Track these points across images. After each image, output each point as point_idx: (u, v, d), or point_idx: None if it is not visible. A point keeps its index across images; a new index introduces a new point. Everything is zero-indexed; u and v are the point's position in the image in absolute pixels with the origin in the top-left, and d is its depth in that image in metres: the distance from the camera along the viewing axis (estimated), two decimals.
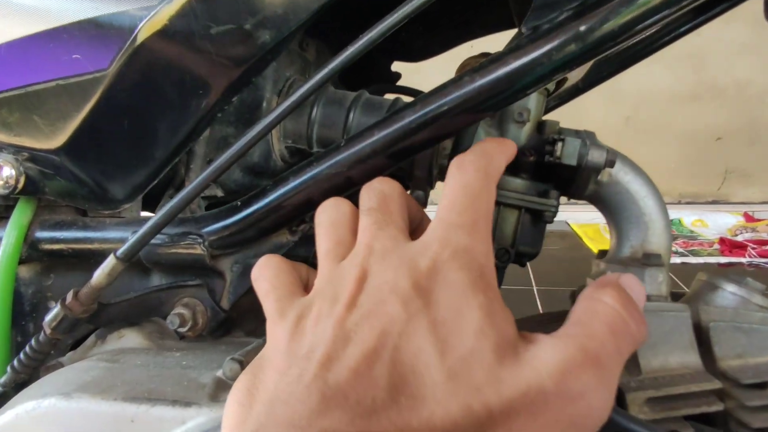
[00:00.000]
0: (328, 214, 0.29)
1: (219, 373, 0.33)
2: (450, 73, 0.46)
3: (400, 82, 0.61)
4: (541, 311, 1.73)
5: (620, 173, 0.40)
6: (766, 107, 2.47)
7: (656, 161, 2.69)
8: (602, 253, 0.44)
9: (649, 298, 0.37)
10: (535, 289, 1.94)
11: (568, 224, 2.59)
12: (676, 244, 2.27)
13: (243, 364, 0.32)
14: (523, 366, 0.21)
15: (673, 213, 2.61)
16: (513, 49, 0.33)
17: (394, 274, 0.23)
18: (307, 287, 0.28)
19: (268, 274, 0.28)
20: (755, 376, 0.33)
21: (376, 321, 0.22)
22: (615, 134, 2.67)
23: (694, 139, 2.60)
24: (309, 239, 0.53)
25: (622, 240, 0.41)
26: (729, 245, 2.12)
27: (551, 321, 0.44)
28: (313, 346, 0.22)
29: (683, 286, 1.92)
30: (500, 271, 0.42)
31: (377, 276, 0.23)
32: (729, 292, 0.38)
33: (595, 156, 0.38)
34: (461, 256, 0.23)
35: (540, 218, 0.40)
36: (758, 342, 0.34)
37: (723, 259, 2.07)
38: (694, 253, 2.15)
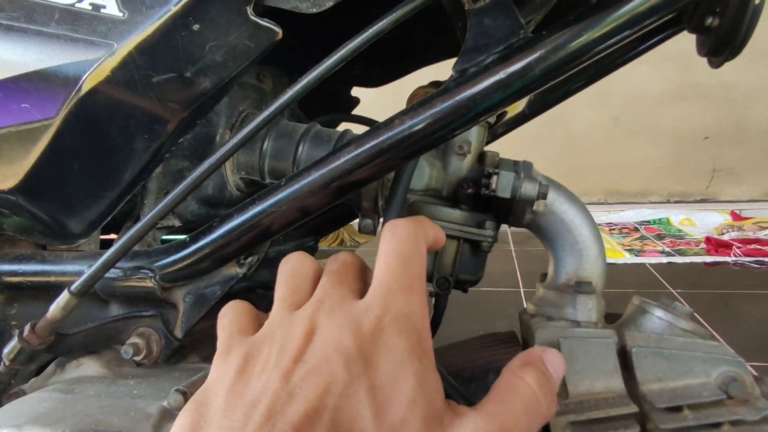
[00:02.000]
0: (292, 265, 0.31)
1: (165, 403, 0.35)
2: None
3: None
4: None
5: (555, 203, 0.42)
6: (751, 107, 2.49)
7: (645, 161, 2.71)
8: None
9: (578, 325, 0.39)
10: (522, 290, 1.96)
11: None
12: (663, 243, 2.29)
13: (187, 396, 0.34)
14: None
15: (662, 212, 2.63)
16: (441, 93, 0.35)
17: (339, 332, 0.25)
18: None
19: (230, 314, 0.30)
20: (670, 401, 0.35)
21: (320, 379, 0.23)
22: (603, 134, 2.69)
23: (681, 138, 2.62)
24: (271, 262, 0.55)
25: (558, 267, 0.42)
26: (715, 244, 2.14)
27: (496, 343, 0.46)
28: (259, 394, 0.23)
29: (668, 286, 1.94)
30: (443, 298, 0.44)
31: (324, 332, 0.25)
32: (656, 316, 0.40)
33: (528, 189, 0.39)
34: (401, 321, 0.25)
35: (478, 248, 0.41)
36: (678, 366, 0.36)
37: (709, 259, 2.09)
38: (681, 253, 2.16)
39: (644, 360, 0.37)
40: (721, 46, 0.40)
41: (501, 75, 0.34)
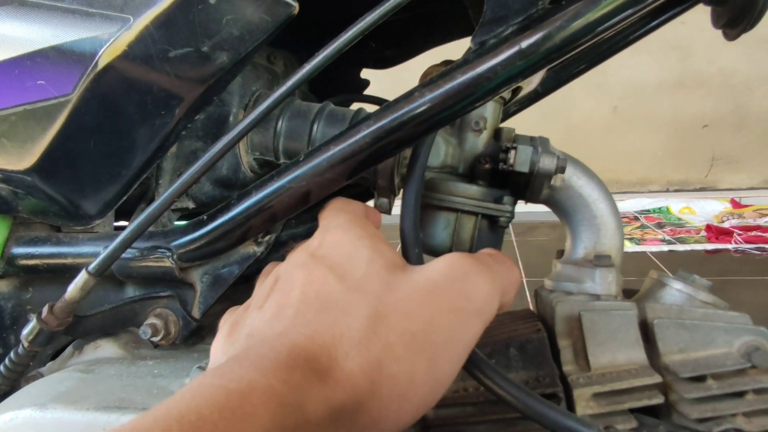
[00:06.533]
0: None
1: (187, 380, 0.34)
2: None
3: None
4: (530, 302, 1.75)
5: (573, 178, 0.42)
6: (750, 95, 2.50)
7: (644, 149, 2.71)
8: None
9: (598, 298, 0.39)
10: (524, 280, 1.97)
11: None
12: (664, 231, 2.30)
13: None
14: (414, 273, 0.26)
15: (662, 201, 2.63)
16: (460, 65, 0.35)
17: (296, 258, 0.29)
18: None
19: (226, 316, 0.32)
20: (693, 370, 0.35)
21: (286, 285, 0.27)
22: (603, 124, 2.70)
23: (680, 127, 2.62)
24: (283, 245, 0.55)
25: (576, 241, 0.42)
26: (715, 232, 2.14)
27: (513, 320, 0.46)
28: (247, 327, 0.27)
29: (670, 274, 1.95)
30: None
31: (285, 265, 0.29)
32: (676, 289, 0.40)
33: (546, 163, 0.39)
34: (343, 225, 0.29)
35: (496, 223, 0.41)
36: (699, 337, 0.36)
37: (709, 246, 2.09)
38: (681, 241, 2.17)
39: (666, 331, 0.37)
40: (739, 17, 0.39)
41: (521, 45, 0.33)
